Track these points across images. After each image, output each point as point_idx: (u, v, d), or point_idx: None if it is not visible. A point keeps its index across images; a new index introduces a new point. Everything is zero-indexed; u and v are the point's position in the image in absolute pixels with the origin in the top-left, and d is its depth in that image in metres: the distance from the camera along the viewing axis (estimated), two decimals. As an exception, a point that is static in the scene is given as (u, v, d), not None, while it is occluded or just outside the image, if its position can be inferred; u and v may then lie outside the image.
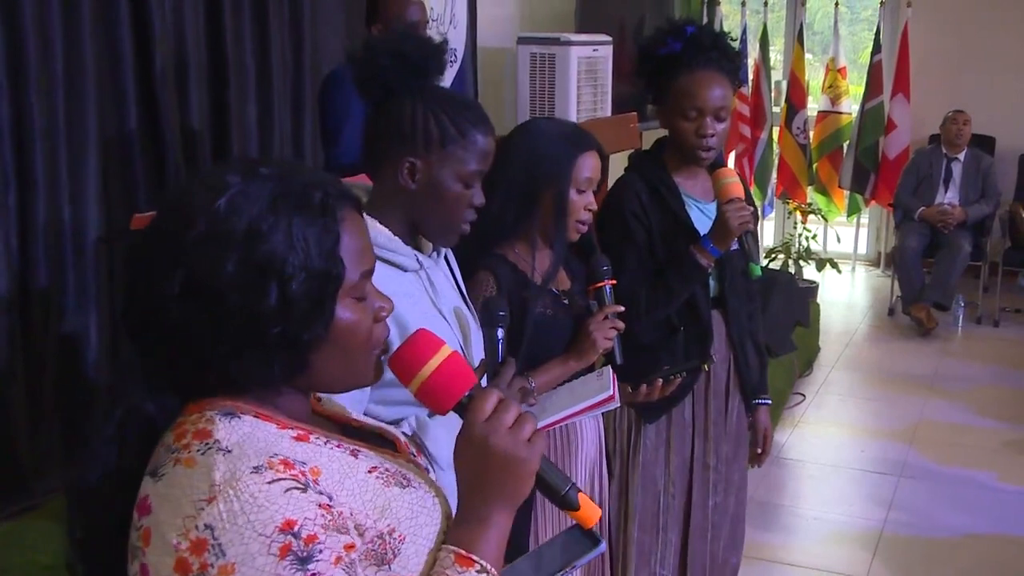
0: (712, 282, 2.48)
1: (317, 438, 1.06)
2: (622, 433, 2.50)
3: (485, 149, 1.70)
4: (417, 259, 1.72)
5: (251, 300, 1.00)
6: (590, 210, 2.13)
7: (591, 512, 1.15)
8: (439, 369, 1.12)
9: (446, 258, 1.86)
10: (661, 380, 2.20)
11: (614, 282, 2.20)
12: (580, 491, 1.14)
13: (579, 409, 2.00)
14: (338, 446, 1.08)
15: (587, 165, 2.10)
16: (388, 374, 1.15)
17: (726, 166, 2.44)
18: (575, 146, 2.10)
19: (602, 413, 2.21)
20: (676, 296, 2.39)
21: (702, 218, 2.45)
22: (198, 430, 1.01)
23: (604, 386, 2.02)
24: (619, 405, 2.05)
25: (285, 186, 1.03)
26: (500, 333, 1.86)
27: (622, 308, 2.18)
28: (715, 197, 2.39)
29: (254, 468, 0.97)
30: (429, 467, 1.25)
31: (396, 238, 1.68)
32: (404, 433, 1.30)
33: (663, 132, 2.48)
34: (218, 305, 1.00)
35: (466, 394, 1.12)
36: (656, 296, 2.37)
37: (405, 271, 1.69)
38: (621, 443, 2.51)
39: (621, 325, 2.14)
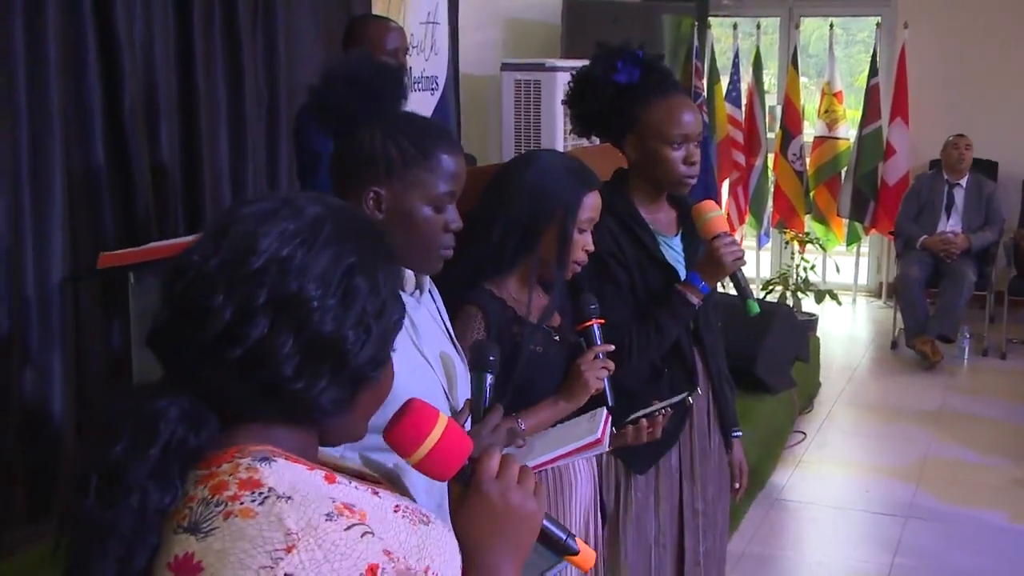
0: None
1: (341, 478, 1.09)
2: (611, 488, 2.50)
3: (453, 169, 1.71)
4: None
5: (334, 324, 1.05)
6: (586, 250, 2.16)
7: (588, 556, 1.23)
8: (440, 443, 1.17)
9: (431, 294, 1.88)
10: (645, 419, 2.21)
11: (603, 321, 2.22)
12: (575, 536, 1.22)
13: (565, 452, 2.01)
14: (361, 485, 1.11)
15: (590, 204, 2.15)
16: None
17: (707, 199, 2.45)
18: (582, 184, 2.14)
19: (595, 457, 2.22)
20: (668, 337, 2.40)
21: (669, 251, 2.46)
22: (242, 480, 1.02)
23: (592, 429, 2.02)
24: (607, 449, 2.06)
25: (372, 235, 1.13)
26: (489, 378, 1.87)
27: (612, 347, 2.20)
28: (700, 232, 2.41)
29: (327, 515, 0.99)
30: None
31: None
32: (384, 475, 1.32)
33: None
34: (301, 322, 1.04)
35: (467, 461, 1.18)
36: (648, 338, 2.38)
37: None
38: (609, 498, 2.51)
39: (612, 365, 2.16)
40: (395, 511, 1.09)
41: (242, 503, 0.99)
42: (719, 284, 2.46)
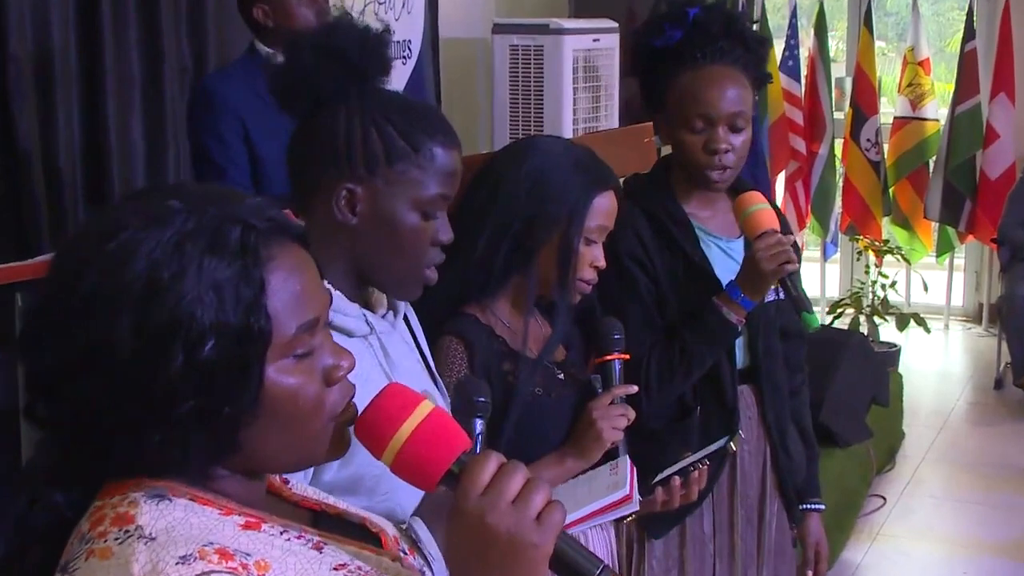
0: (739, 346, 2.51)
1: (271, 527, 1.14)
2: (620, 556, 2.50)
3: (448, 166, 1.75)
4: (366, 320, 1.75)
5: (152, 369, 1.06)
6: (596, 267, 2.18)
7: None
8: (419, 431, 1.18)
9: (405, 319, 1.90)
10: (679, 478, 2.21)
11: (627, 357, 2.23)
12: (612, 571, 1.19)
13: (586, 514, 2.02)
14: (298, 537, 1.16)
15: (602, 209, 2.17)
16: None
17: (755, 189, 2.48)
18: (592, 182, 2.16)
19: (612, 521, 2.23)
20: (698, 365, 2.42)
21: (725, 260, 2.50)
22: (118, 515, 1.08)
23: (618, 482, 2.04)
24: (638, 509, 2.08)
25: (196, 222, 1.10)
26: (479, 425, 1.89)
27: (634, 388, 2.21)
28: (741, 231, 2.43)
29: (180, 558, 1.03)
30: (425, 568, 1.32)
31: (337, 293, 1.71)
32: (398, 525, 1.36)
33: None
34: (114, 376, 1.07)
35: (456, 460, 1.17)
36: (672, 366, 2.40)
37: (351, 336, 1.72)
38: (618, 569, 2.51)
39: (633, 414, 2.18)
40: (336, 569, 1.14)
41: (105, 541, 1.06)
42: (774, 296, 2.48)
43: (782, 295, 2.49)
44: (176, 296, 1.07)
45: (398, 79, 5.09)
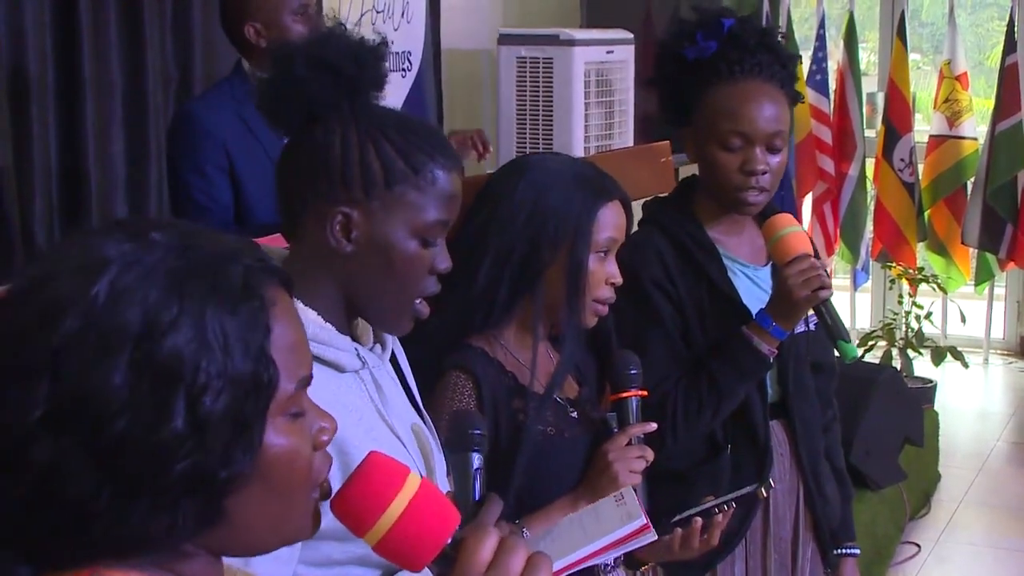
0: (768, 380, 2.51)
1: None
2: None
3: (448, 190, 1.74)
4: (358, 354, 1.75)
5: (148, 424, 1.01)
6: (613, 283, 2.18)
7: None
8: (410, 510, 1.15)
9: (393, 351, 1.89)
10: (701, 518, 2.20)
11: (644, 393, 2.22)
12: None
13: (601, 547, 2.03)
14: None
15: (609, 220, 2.17)
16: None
17: (782, 211, 2.48)
18: (596, 194, 2.17)
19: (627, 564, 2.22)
20: (727, 400, 2.42)
21: (753, 289, 2.51)
22: None
23: (632, 513, 2.05)
24: (656, 538, 2.07)
25: (191, 259, 1.06)
26: (476, 460, 1.88)
27: (654, 426, 2.20)
28: (771, 256, 2.44)
29: None
30: None
31: (328, 325, 1.71)
32: None
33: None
34: (100, 433, 1.00)
35: (450, 540, 1.15)
36: (700, 402, 2.40)
37: (342, 371, 1.72)
38: None
39: (651, 454, 2.17)
40: None
41: None
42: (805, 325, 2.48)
43: (813, 326, 2.50)
44: (177, 342, 1.02)
45: (397, 93, 5.09)
